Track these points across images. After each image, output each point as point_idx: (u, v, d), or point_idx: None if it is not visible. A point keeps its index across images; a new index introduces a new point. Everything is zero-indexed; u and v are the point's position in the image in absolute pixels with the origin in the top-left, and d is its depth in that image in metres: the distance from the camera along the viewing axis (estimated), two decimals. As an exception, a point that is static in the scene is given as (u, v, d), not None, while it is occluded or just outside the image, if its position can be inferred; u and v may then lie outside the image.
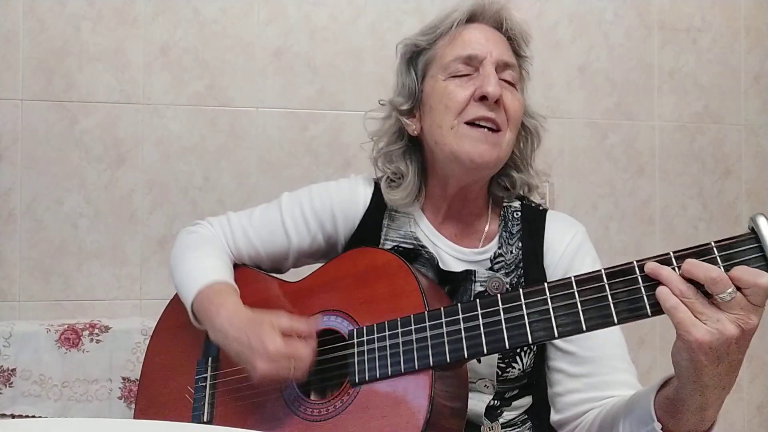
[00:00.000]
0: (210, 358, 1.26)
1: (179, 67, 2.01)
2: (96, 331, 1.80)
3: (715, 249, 0.88)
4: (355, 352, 1.10)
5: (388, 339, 1.07)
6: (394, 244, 1.29)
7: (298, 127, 2.08)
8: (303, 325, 1.12)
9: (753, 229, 0.86)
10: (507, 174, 1.31)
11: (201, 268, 1.27)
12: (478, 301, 1.02)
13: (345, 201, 1.33)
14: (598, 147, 2.26)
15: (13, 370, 1.72)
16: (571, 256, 1.25)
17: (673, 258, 0.89)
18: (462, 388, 1.10)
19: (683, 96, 2.32)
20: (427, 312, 1.06)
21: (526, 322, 0.97)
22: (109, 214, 1.98)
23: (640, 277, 0.91)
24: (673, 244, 2.25)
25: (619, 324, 0.92)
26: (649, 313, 0.89)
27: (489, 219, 1.31)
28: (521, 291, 0.99)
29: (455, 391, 1.08)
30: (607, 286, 0.92)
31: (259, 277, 1.34)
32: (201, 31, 2.03)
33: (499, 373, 1.20)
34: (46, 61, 1.94)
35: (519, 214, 1.30)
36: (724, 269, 0.85)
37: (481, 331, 1.01)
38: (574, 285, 0.95)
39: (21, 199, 1.93)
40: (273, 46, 2.07)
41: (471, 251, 1.27)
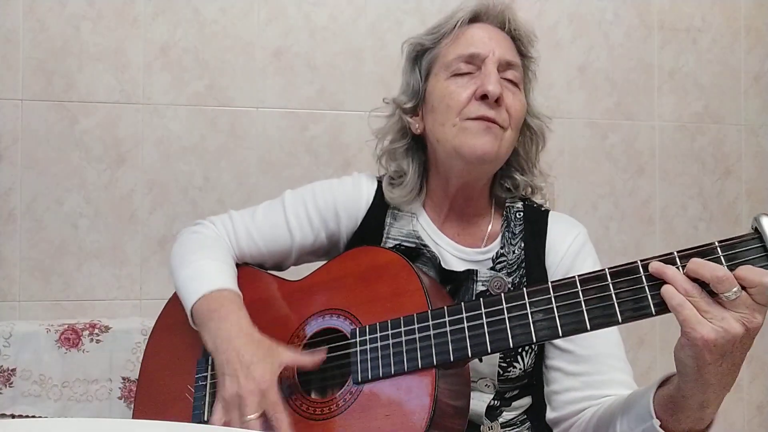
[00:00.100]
0: (210, 357, 1.26)
1: (179, 67, 2.01)
2: (96, 331, 1.79)
3: (718, 248, 0.88)
4: (357, 351, 1.10)
5: (390, 338, 1.07)
6: (397, 243, 1.29)
7: (298, 127, 2.08)
8: (307, 359, 1.13)
9: (756, 229, 0.87)
10: (510, 176, 1.31)
11: (205, 271, 1.25)
12: (482, 300, 1.02)
13: (348, 199, 1.33)
14: (598, 147, 2.26)
15: (13, 370, 1.72)
16: (572, 258, 1.25)
17: (677, 257, 0.90)
18: (464, 386, 1.10)
19: (683, 96, 2.32)
20: (430, 311, 1.06)
21: (530, 321, 0.98)
22: (109, 214, 1.98)
23: (644, 276, 0.91)
24: (673, 244, 2.26)
25: (623, 323, 0.92)
26: (653, 312, 0.90)
27: (491, 219, 1.32)
28: (525, 290, 0.99)
29: (458, 389, 1.08)
30: (611, 285, 0.93)
31: (260, 276, 1.34)
32: (201, 31, 2.02)
33: (500, 372, 1.20)
34: (46, 61, 1.94)
35: (521, 214, 1.30)
36: (727, 269, 0.86)
37: (485, 330, 1.01)
38: (578, 284, 0.95)
39: (21, 199, 1.93)
40: (273, 46, 2.07)
41: (473, 251, 1.27)
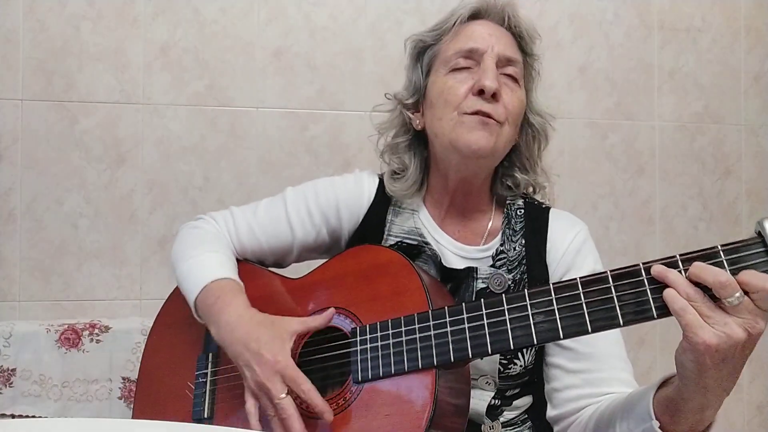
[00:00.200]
0: (210, 354, 1.26)
1: (179, 67, 2.01)
2: (96, 331, 1.79)
3: (721, 253, 0.88)
4: (358, 350, 1.10)
5: (391, 337, 1.08)
6: (398, 240, 1.29)
7: (298, 127, 2.07)
8: (316, 321, 1.13)
9: (760, 233, 0.87)
10: (511, 174, 1.31)
11: (206, 263, 1.26)
12: (483, 300, 1.03)
13: (349, 196, 1.34)
14: (598, 147, 2.26)
15: (13, 370, 1.72)
16: (573, 254, 1.26)
17: (679, 261, 0.90)
18: (464, 384, 1.10)
19: (683, 96, 2.32)
20: (431, 311, 1.06)
21: (531, 322, 0.98)
22: (109, 214, 1.97)
23: (646, 280, 0.91)
24: (673, 244, 2.26)
25: (624, 326, 0.92)
26: (655, 315, 0.90)
27: (492, 216, 1.32)
28: (526, 291, 0.99)
29: (458, 387, 1.08)
30: (613, 287, 0.93)
31: (261, 273, 1.34)
32: (201, 31, 2.02)
33: (501, 369, 1.20)
34: (46, 61, 1.93)
35: (522, 211, 1.31)
36: (730, 273, 0.85)
37: (485, 331, 1.01)
38: (580, 286, 0.95)
39: (21, 199, 1.92)
40: (273, 46, 2.06)
41: (473, 249, 1.28)
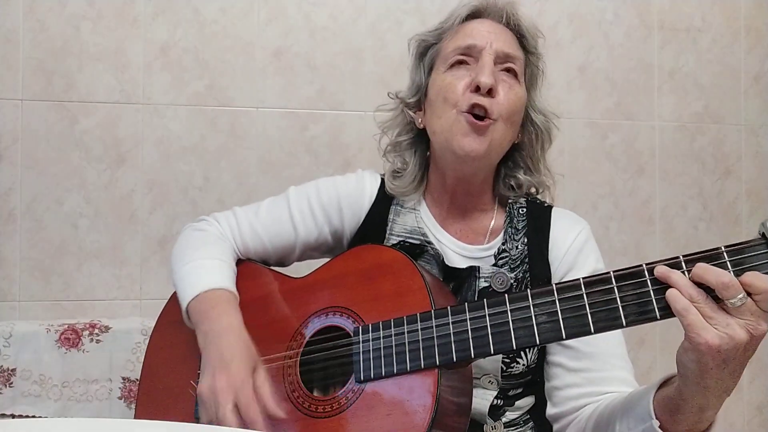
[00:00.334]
0: None
1: (179, 67, 2.01)
2: (96, 331, 1.79)
3: (725, 254, 0.88)
4: (360, 349, 1.10)
5: (393, 337, 1.08)
6: (400, 239, 1.29)
7: (298, 127, 2.07)
8: (269, 398, 1.09)
9: (764, 234, 0.87)
10: (514, 175, 1.32)
11: (202, 270, 1.26)
12: (486, 300, 1.03)
13: (351, 195, 1.34)
14: (598, 147, 2.26)
15: (13, 370, 1.72)
16: (575, 253, 1.26)
17: (683, 262, 0.90)
18: (466, 383, 1.10)
19: (683, 96, 2.32)
20: (433, 310, 1.07)
21: (533, 323, 0.98)
22: (109, 214, 1.97)
23: (649, 280, 0.91)
24: (673, 244, 2.26)
25: (627, 326, 0.92)
26: (657, 316, 0.90)
27: (494, 215, 1.32)
28: (529, 291, 0.99)
29: (460, 387, 1.08)
30: (615, 288, 0.93)
31: (263, 272, 1.34)
32: (201, 31, 2.02)
33: (504, 368, 1.20)
34: (46, 61, 1.93)
35: (524, 210, 1.31)
36: (733, 274, 0.86)
37: (488, 332, 1.01)
38: (583, 287, 0.95)
39: (21, 199, 1.92)
40: (273, 46, 2.06)
41: (475, 248, 1.28)
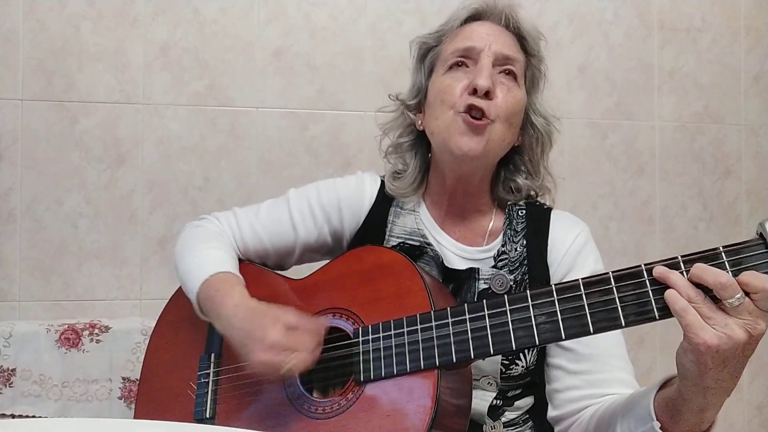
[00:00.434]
0: (213, 354, 1.26)
1: (179, 67, 2.01)
2: (96, 331, 1.79)
3: (723, 254, 0.88)
4: (360, 350, 1.10)
5: (393, 338, 1.08)
6: (400, 241, 1.29)
7: (298, 127, 2.07)
8: (310, 322, 1.13)
9: (761, 235, 0.87)
10: (513, 179, 1.32)
11: (207, 260, 1.27)
12: (485, 301, 1.03)
13: (351, 196, 1.35)
14: (598, 147, 2.26)
15: (13, 370, 1.72)
16: (574, 255, 1.26)
17: (681, 262, 0.90)
18: (466, 385, 1.10)
19: (683, 96, 2.32)
20: (433, 312, 1.07)
21: (533, 323, 0.98)
22: (109, 214, 1.97)
23: (648, 281, 0.91)
24: (673, 244, 2.26)
25: (626, 327, 0.92)
26: (656, 317, 0.90)
27: (493, 216, 1.32)
28: (529, 292, 0.99)
29: (459, 388, 1.09)
30: (614, 288, 0.93)
31: (263, 273, 1.34)
32: (201, 31, 2.02)
33: (503, 370, 1.20)
34: (46, 61, 1.93)
35: (524, 212, 1.31)
36: (732, 274, 0.86)
37: (487, 332, 1.01)
38: (582, 287, 0.95)
39: (21, 199, 1.92)
40: (273, 46, 2.06)
41: (475, 249, 1.28)
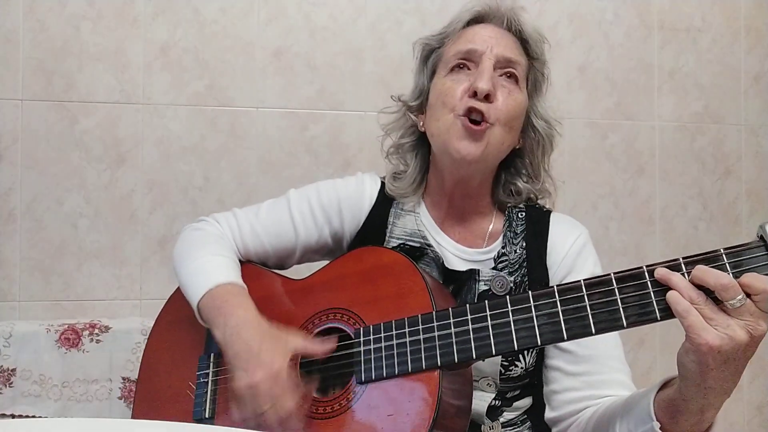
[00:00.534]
0: (212, 354, 1.26)
1: (179, 67, 2.01)
2: (96, 331, 1.79)
3: (724, 256, 0.89)
4: (361, 350, 1.10)
5: (395, 338, 1.08)
6: (400, 242, 1.30)
7: (298, 127, 2.07)
8: (317, 347, 1.14)
9: (762, 237, 0.88)
10: (514, 182, 1.32)
11: (210, 267, 1.26)
12: (487, 302, 1.03)
13: (351, 197, 1.35)
14: (598, 147, 2.26)
15: (13, 370, 1.72)
16: (573, 258, 1.26)
17: (682, 264, 0.90)
18: (466, 385, 1.10)
19: (683, 96, 2.32)
20: (435, 312, 1.07)
21: (535, 324, 0.98)
22: (109, 214, 1.97)
23: (649, 282, 0.92)
24: (673, 244, 2.26)
25: (628, 327, 0.93)
26: (658, 318, 0.90)
27: (493, 219, 1.32)
28: (530, 293, 0.99)
29: (460, 389, 1.09)
30: (616, 290, 0.93)
31: (264, 273, 1.34)
32: (201, 31, 2.02)
33: (502, 371, 1.20)
34: (46, 61, 1.93)
35: (523, 214, 1.31)
36: (732, 276, 0.86)
37: (490, 333, 1.01)
38: (584, 288, 0.96)
39: (21, 199, 1.92)
40: (273, 46, 2.06)
41: (475, 251, 1.28)
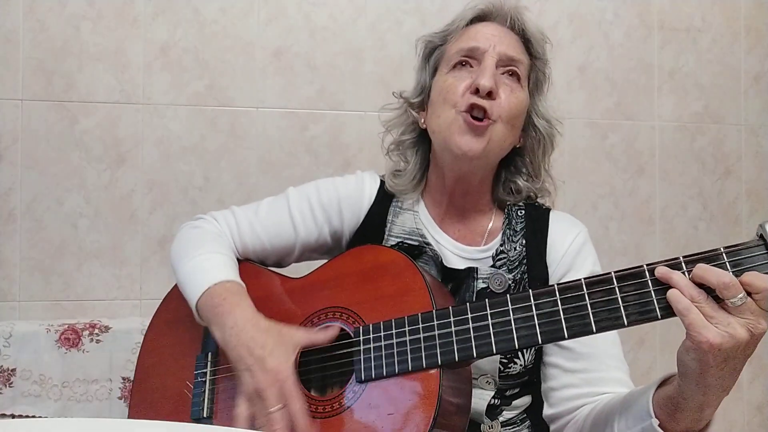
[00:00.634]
0: (210, 353, 1.26)
1: (179, 67, 2.01)
2: (96, 331, 1.79)
3: (724, 255, 0.89)
4: (361, 349, 1.10)
5: (395, 337, 1.08)
6: (399, 240, 1.30)
7: (298, 127, 2.07)
8: (320, 336, 1.14)
9: (762, 236, 0.88)
10: (514, 180, 1.32)
11: (208, 265, 1.25)
12: (487, 301, 1.03)
13: (351, 195, 1.35)
14: (598, 147, 2.25)
15: (13, 370, 1.72)
16: (573, 256, 1.27)
17: (683, 262, 0.91)
18: (466, 384, 1.10)
19: (683, 96, 2.31)
20: (435, 311, 1.07)
21: (535, 323, 0.98)
22: (109, 214, 1.97)
23: (650, 281, 0.92)
24: (673, 244, 2.26)
25: (629, 326, 0.93)
26: (659, 316, 0.91)
27: (493, 216, 1.33)
28: (531, 292, 0.99)
29: (460, 387, 1.09)
30: (617, 288, 0.94)
31: (262, 272, 1.34)
32: (201, 31, 2.02)
33: (501, 368, 1.21)
34: (46, 61, 1.93)
35: (523, 212, 1.32)
36: (732, 275, 0.87)
37: (490, 331, 1.01)
38: (584, 287, 0.96)
39: (21, 199, 1.92)
40: (273, 46, 2.06)
41: (473, 249, 1.29)
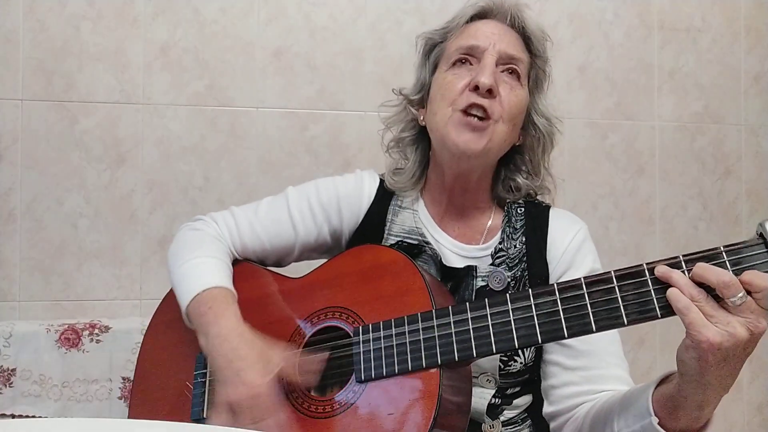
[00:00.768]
0: None
1: (179, 67, 2.01)
2: (96, 331, 1.79)
3: (724, 254, 0.89)
4: (360, 349, 1.10)
5: (395, 337, 1.08)
6: (399, 239, 1.30)
7: (298, 127, 2.07)
8: (298, 378, 1.14)
9: (761, 235, 0.88)
10: (513, 178, 1.32)
11: (201, 270, 1.25)
12: (487, 300, 1.03)
13: (350, 195, 1.35)
14: (598, 147, 2.26)
15: (13, 370, 1.72)
16: (573, 253, 1.27)
17: (683, 261, 0.91)
18: (466, 383, 1.10)
19: (683, 96, 2.32)
20: (434, 310, 1.07)
21: (535, 322, 0.98)
22: (109, 214, 1.97)
23: (650, 280, 0.92)
24: (673, 244, 2.26)
25: (628, 325, 0.93)
26: (659, 315, 0.91)
27: (492, 214, 1.33)
28: (530, 291, 0.99)
29: (460, 386, 1.09)
30: (617, 287, 0.93)
31: (261, 272, 1.33)
32: (201, 31, 2.02)
33: (501, 366, 1.21)
34: (46, 61, 1.93)
35: (522, 210, 1.31)
36: (732, 273, 0.87)
37: (490, 331, 1.01)
38: (584, 286, 0.96)
39: (21, 199, 1.92)
40: (273, 46, 2.06)
41: (473, 248, 1.29)
